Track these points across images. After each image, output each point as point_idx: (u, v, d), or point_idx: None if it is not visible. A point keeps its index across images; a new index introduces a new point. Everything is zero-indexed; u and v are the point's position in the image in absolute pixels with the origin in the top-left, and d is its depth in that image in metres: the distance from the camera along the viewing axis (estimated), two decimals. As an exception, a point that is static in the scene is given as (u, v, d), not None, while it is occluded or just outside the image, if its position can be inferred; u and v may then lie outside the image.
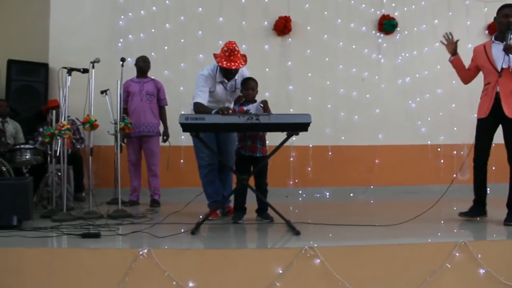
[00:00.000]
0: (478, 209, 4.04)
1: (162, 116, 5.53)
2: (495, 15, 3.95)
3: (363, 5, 6.88)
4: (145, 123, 5.35)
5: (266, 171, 4.18)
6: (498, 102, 3.79)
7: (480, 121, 3.99)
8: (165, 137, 5.51)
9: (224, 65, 3.95)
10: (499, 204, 3.97)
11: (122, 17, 6.54)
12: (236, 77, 4.19)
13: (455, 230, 3.78)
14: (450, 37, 4.10)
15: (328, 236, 3.53)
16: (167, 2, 6.60)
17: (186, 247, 3.21)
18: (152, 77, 5.57)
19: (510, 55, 3.69)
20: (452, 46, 4.08)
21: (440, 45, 4.21)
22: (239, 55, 4.01)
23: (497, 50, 3.82)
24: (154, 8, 6.59)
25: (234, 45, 3.98)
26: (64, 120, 4.38)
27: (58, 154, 4.43)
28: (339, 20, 6.81)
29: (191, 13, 6.60)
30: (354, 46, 6.81)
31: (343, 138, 6.67)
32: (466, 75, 4.13)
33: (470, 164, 6.73)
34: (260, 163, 3.99)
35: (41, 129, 5.56)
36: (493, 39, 3.94)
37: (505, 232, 3.65)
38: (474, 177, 4.07)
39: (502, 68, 3.73)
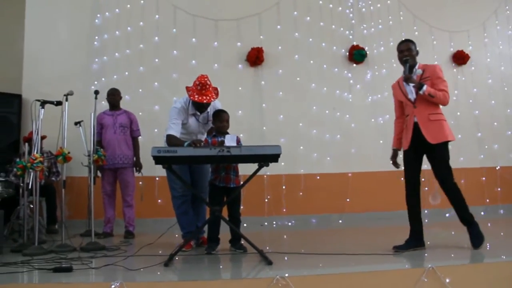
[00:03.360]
0: (413, 240, 3.99)
1: (135, 147, 5.55)
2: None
3: (333, 26, 7.13)
4: (120, 155, 5.38)
5: (239, 201, 4.25)
6: (418, 132, 3.90)
7: (404, 153, 4.08)
8: (137, 168, 5.52)
9: (196, 99, 4.02)
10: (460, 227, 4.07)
11: (97, 37, 6.60)
12: (209, 109, 4.27)
13: (423, 255, 3.85)
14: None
15: (300, 265, 3.57)
16: (141, 23, 6.70)
17: (159, 280, 3.21)
18: (125, 109, 5.62)
19: (411, 84, 3.90)
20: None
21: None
22: (210, 88, 4.08)
23: (406, 84, 3.99)
24: (128, 28, 6.67)
25: (206, 79, 4.06)
26: (37, 152, 4.37)
27: (30, 186, 4.39)
28: (310, 39, 7.01)
29: (165, 34, 6.71)
30: (325, 66, 7.01)
31: (315, 155, 6.78)
32: (401, 114, 4.20)
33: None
34: (232, 194, 4.04)
35: (17, 159, 5.52)
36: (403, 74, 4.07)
37: (471, 255, 3.75)
38: (407, 206, 4.09)
39: (414, 99, 3.93)
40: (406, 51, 3.99)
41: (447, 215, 6.72)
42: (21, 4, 6.57)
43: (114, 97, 5.54)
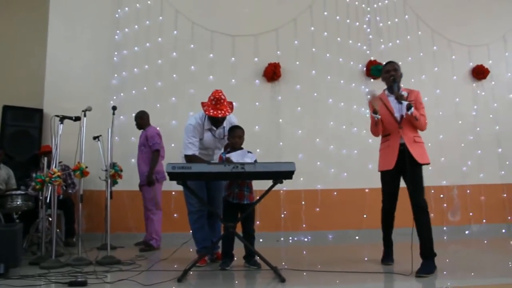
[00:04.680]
0: (387, 256, 4.20)
1: (150, 160, 5.52)
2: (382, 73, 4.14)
3: (350, 41, 7.12)
4: (140, 173, 5.57)
5: (253, 217, 4.25)
6: (402, 153, 3.84)
7: (384, 173, 4.05)
8: (147, 182, 5.47)
9: (211, 114, 4.05)
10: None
11: (116, 53, 6.74)
12: (224, 124, 4.28)
13: (441, 274, 3.76)
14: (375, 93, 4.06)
15: (314, 283, 3.53)
16: (159, 39, 6.82)
17: (173, 296, 3.23)
18: (149, 127, 5.69)
19: (403, 102, 3.83)
20: (379, 103, 4.02)
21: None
22: (225, 103, 4.11)
23: (393, 102, 3.96)
24: (147, 44, 6.80)
25: (220, 94, 4.09)
26: (56, 167, 4.44)
27: (48, 200, 4.47)
28: (327, 55, 7.01)
29: (183, 50, 6.81)
30: (342, 81, 6.99)
31: (332, 170, 6.73)
32: (379, 129, 4.06)
33: (462, 205, 6.86)
34: (246, 210, 4.04)
35: (34, 175, 5.61)
36: (386, 92, 4.08)
37: (491, 275, 3.67)
38: (382, 225, 4.24)
39: (401, 118, 3.88)
40: (393, 71, 4.01)
41: (466, 232, 6.62)
42: (43, 21, 6.76)
43: (136, 120, 5.75)
